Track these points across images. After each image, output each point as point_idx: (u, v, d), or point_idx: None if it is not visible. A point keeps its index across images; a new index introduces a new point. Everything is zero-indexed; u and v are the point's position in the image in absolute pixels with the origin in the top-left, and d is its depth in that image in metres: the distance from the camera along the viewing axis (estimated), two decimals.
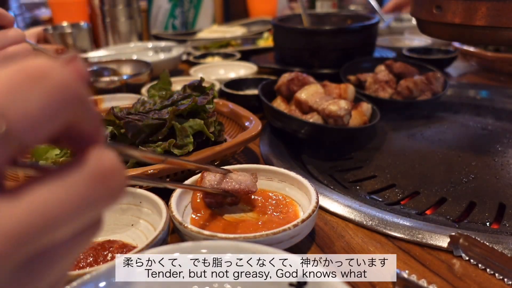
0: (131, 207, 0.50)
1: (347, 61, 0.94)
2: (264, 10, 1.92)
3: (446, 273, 0.42)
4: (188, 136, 0.54)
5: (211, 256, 0.33)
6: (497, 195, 0.57)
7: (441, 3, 0.62)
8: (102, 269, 0.31)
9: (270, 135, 0.75)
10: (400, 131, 0.81)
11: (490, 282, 0.41)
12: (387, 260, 0.44)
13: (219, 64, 1.18)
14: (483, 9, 0.57)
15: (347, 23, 1.12)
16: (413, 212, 0.56)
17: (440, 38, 0.68)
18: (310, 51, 0.98)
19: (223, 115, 0.73)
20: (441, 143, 0.75)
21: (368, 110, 0.77)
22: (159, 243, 0.41)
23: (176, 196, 0.48)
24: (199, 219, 0.48)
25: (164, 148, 0.52)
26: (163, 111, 0.56)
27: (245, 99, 0.87)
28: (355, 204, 0.53)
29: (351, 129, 0.71)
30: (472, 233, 0.45)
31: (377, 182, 0.64)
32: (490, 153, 0.69)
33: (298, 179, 0.51)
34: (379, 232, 0.49)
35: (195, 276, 0.33)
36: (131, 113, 0.57)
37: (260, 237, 0.40)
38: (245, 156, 0.70)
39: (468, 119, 0.86)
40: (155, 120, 0.54)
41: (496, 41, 0.59)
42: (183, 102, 0.58)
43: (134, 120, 0.54)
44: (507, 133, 0.76)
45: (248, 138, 0.59)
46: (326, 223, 0.51)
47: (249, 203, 0.51)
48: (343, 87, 0.79)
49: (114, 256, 0.43)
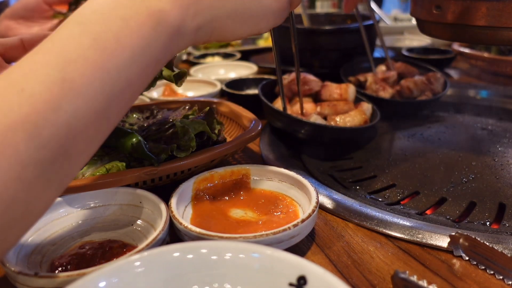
0: (131, 207, 0.50)
1: (347, 61, 0.94)
2: None
3: (446, 273, 0.42)
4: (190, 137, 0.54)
5: (211, 256, 0.33)
6: (497, 195, 0.57)
7: (441, 3, 0.62)
8: (102, 269, 0.31)
9: (270, 135, 0.75)
10: (400, 131, 0.81)
11: (490, 282, 0.41)
12: (387, 260, 0.44)
13: (219, 64, 1.18)
14: (483, 9, 0.57)
15: (347, 23, 1.12)
16: (413, 212, 0.56)
17: (440, 38, 0.68)
18: (310, 51, 0.98)
19: (223, 115, 0.74)
20: (441, 143, 0.75)
21: (368, 109, 0.77)
22: (159, 243, 0.41)
23: (176, 196, 0.48)
24: (199, 219, 0.48)
25: (167, 154, 0.52)
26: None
27: (245, 99, 0.87)
28: (355, 204, 0.53)
29: (351, 129, 0.71)
30: (472, 233, 0.45)
31: (377, 182, 0.64)
32: (490, 153, 0.69)
33: (298, 179, 0.51)
34: (379, 232, 0.49)
35: (195, 276, 0.33)
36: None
37: (260, 237, 0.40)
38: (245, 156, 0.70)
39: (468, 119, 0.86)
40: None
41: (496, 41, 0.59)
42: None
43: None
44: (507, 133, 0.76)
45: (248, 138, 0.59)
46: (326, 223, 0.51)
47: (249, 203, 0.51)
48: (344, 87, 0.79)
49: (114, 256, 0.43)
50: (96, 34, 0.32)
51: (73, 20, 0.33)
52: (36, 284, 0.36)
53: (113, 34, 0.32)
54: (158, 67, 0.37)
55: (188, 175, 0.53)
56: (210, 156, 0.55)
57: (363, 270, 0.43)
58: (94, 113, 0.31)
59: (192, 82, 1.02)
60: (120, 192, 0.49)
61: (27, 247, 0.43)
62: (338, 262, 0.44)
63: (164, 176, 0.53)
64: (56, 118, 0.29)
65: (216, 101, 0.75)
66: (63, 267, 0.41)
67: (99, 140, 0.33)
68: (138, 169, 0.50)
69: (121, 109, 0.34)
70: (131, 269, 0.32)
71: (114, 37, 0.32)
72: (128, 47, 0.33)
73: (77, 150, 0.31)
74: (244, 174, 0.54)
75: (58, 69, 0.30)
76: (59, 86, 0.29)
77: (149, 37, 0.34)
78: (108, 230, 0.48)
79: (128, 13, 0.34)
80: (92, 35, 0.32)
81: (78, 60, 0.30)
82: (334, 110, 0.75)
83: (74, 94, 0.30)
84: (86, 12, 0.34)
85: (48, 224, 0.46)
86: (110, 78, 0.32)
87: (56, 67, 0.30)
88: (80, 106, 0.30)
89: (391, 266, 0.43)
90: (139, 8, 0.34)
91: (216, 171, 0.53)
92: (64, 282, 0.35)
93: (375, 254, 0.45)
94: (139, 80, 0.35)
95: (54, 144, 0.29)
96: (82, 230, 0.48)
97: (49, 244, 0.45)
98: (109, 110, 0.32)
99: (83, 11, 0.34)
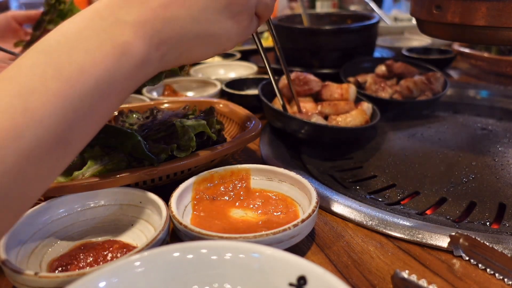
0: (131, 207, 0.50)
1: (347, 61, 0.94)
2: None
3: (446, 273, 0.42)
4: (190, 137, 0.54)
5: (211, 256, 0.33)
6: (497, 195, 0.57)
7: (441, 3, 0.62)
8: (102, 269, 0.31)
9: (270, 135, 0.74)
10: (400, 131, 0.81)
11: (490, 282, 0.41)
12: (387, 260, 0.44)
13: (219, 64, 1.18)
14: (483, 9, 0.57)
15: (347, 23, 1.12)
16: (413, 212, 0.56)
17: (440, 38, 0.68)
18: (310, 51, 0.98)
19: (223, 115, 0.74)
20: (441, 143, 0.75)
21: (368, 109, 0.77)
22: (159, 243, 0.41)
23: (176, 196, 0.48)
24: (199, 219, 0.48)
25: (167, 154, 0.52)
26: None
27: (245, 99, 0.87)
28: (355, 204, 0.53)
29: (351, 129, 0.71)
30: (472, 233, 0.45)
31: (377, 182, 0.64)
32: (490, 153, 0.69)
33: (298, 179, 0.51)
34: (379, 232, 0.49)
35: (195, 276, 0.33)
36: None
37: (260, 237, 0.40)
38: (245, 156, 0.70)
39: (468, 119, 0.86)
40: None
41: (496, 41, 0.59)
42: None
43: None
44: (507, 133, 0.76)
45: (248, 138, 0.59)
46: (326, 223, 0.51)
47: (249, 203, 0.51)
48: (344, 87, 0.79)
49: (114, 256, 0.43)
50: (59, 64, 0.33)
51: (38, 49, 0.34)
52: (36, 284, 0.36)
53: (76, 65, 0.33)
54: (124, 94, 0.38)
55: (188, 175, 0.53)
56: (210, 156, 0.55)
57: (363, 270, 0.43)
58: (55, 140, 0.32)
59: (192, 82, 1.02)
60: (120, 192, 0.49)
61: (27, 247, 0.43)
62: (338, 262, 0.44)
63: (164, 176, 0.53)
64: (18, 146, 0.30)
65: (216, 101, 0.75)
66: (63, 267, 0.41)
67: (62, 165, 0.34)
68: (138, 169, 0.50)
69: (86, 135, 0.35)
70: (131, 269, 0.32)
71: (78, 68, 0.33)
72: (92, 77, 0.33)
73: (38, 175, 0.32)
74: (244, 174, 0.54)
75: (21, 98, 0.30)
76: (21, 115, 0.30)
77: (113, 68, 0.35)
78: (108, 230, 0.48)
79: (92, 45, 0.34)
80: (56, 65, 0.32)
81: (41, 89, 0.31)
82: (335, 109, 0.75)
83: (36, 122, 0.30)
84: (51, 42, 0.34)
85: (48, 224, 0.46)
86: (72, 107, 0.32)
87: (19, 96, 0.31)
88: (42, 134, 0.31)
89: (391, 266, 0.43)
90: (103, 40, 0.35)
91: (216, 171, 0.53)
92: (64, 282, 0.35)
93: (375, 254, 0.45)
94: (104, 108, 0.36)
95: (16, 171, 0.30)
96: (82, 230, 0.48)
97: (49, 244, 0.45)
98: (72, 136, 0.33)
99: (48, 41, 0.34)
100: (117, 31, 0.36)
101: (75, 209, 0.48)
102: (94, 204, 0.49)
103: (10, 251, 0.40)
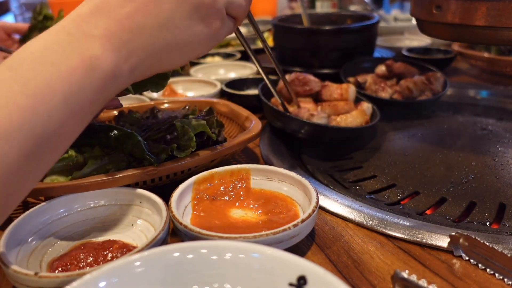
0: (131, 207, 0.50)
1: (347, 61, 0.94)
2: (264, 10, 1.92)
3: (446, 273, 0.42)
4: (190, 137, 0.54)
5: (211, 256, 0.33)
6: (497, 195, 0.57)
7: (441, 3, 0.62)
8: (102, 269, 0.31)
9: (270, 135, 0.75)
10: (400, 131, 0.81)
11: (490, 282, 0.41)
12: (387, 260, 0.44)
13: (219, 64, 1.18)
14: (483, 9, 0.57)
15: (347, 23, 1.12)
16: (413, 212, 0.56)
17: (440, 38, 0.68)
18: (310, 51, 0.98)
19: (223, 115, 0.74)
20: (441, 143, 0.75)
21: (368, 109, 0.77)
22: (159, 243, 0.41)
23: (176, 196, 0.48)
24: (199, 219, 0.48)
25: (167, 154, 0.52)
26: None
27: (245, 99, 0.87)
28: (355, 204, 0.53)
29: (351, 129, 0.71)
30: (472, 233, 0.45)
31: (377, 182, 0.64)
32: (490, 153, 0.69)
33: (298, 179, 0.51)
34: (379, 232, 0.49)
35: (195, 276, 0.33)
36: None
37: (260, 237, 0.40)
38: (245, 156, 0.70)
39: (468, 119, 0.86)
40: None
41: (496, 41, 0.59)
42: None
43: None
44: (507, 133, 0.76)
45: (248, 138, 0.59)
46: (326, 223, 0.51)
47: (249, 203, 0.51)
48: (344, 87, 0.79)
49: (114, 256, 0.43)
50: (26, 79, 0.32)
51: (4, 66, 0.33)
52: (36, 284, 0.36)
53: (43, 79, 0.33)
54: (95, 108, 0.37)
55: (188, 175, 0.53)
56: (210, 156, 0.55)
57: (363, 270, 0.43)
58: (24, 156, 0.31)
59: (192, 82, 1.02)
60: (120, 192, 0.49)
61: (27, 247, 0.43)
62: (338, 262, 0.44)
63: (164, 176, 0.53)
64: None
65: (216, 101, 0.75)
66: (63, 267, 0.41)
67: (33, 180, 0.34)
68: (138, 169, 0.50)
69: (57, 150, 0.35)
70: (131, 269, 0.32)
71: (45, 83, 0.33)
72: (60, 92, 0.33)
73: (7, 192, 0.31)
74: (244, 174, 0.54)
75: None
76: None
77: (81, 82, 0.34)
78: (108, 230, 0.48)
79: (59, 59, 0.34)
80: (22, 80, 0.32)
81: (7, 105, 0.31)
82: (335, 110, 0.75)
83: (2, 139, 0.30)
84: (18, 58, 0.34)
85: (48, 224, 0.46)
86: (40, 122, 0.32)
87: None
88: (9, 151, 0.30)
89: (391, 266, 0.43)
90: (71, 54, 0.34)
91: (216, 171, 0.53)
92: (64, 282, 0.35)
93: (375, 254, 0.45)
94: (74, 122, 0.35)
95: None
96: (82, 230, 0.48)
97: (49, 244, 0.45)
98: (41, 151, 0.33)
99: (14, 58, 0.34)
100: (84, 45, 0.35)
101: (75, 209, 0.49)
102: (94, 204, 0.49)
103: (10, 251, 0.40)
